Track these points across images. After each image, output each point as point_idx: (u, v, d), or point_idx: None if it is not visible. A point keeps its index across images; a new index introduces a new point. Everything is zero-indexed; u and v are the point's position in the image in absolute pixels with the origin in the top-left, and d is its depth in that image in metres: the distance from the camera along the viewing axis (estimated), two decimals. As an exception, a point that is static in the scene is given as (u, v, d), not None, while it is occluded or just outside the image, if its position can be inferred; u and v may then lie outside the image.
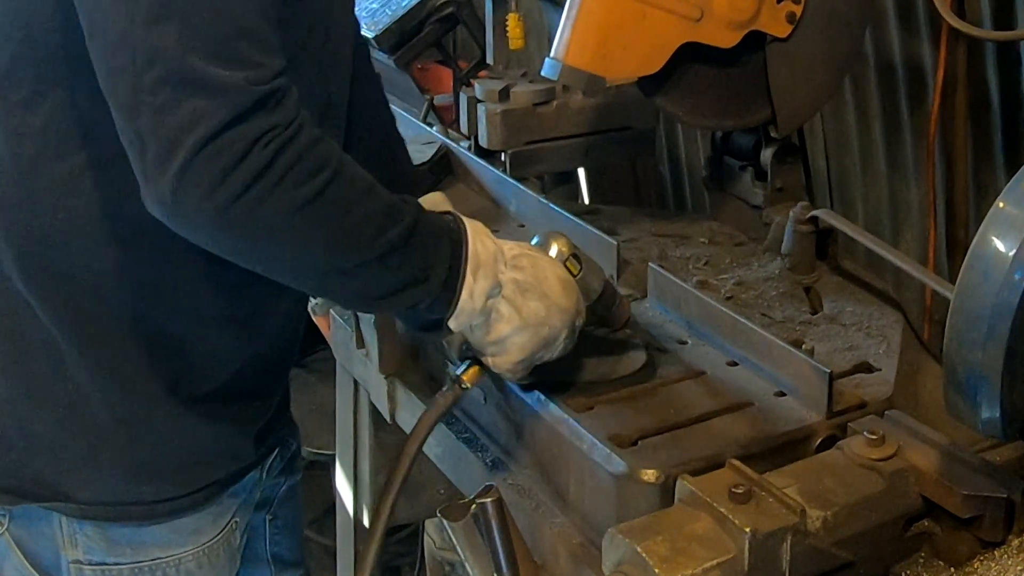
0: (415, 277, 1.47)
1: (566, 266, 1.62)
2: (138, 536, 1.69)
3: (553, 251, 1.63)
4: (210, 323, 1.63)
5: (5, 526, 1.70)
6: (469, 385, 1.61)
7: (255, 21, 1.34)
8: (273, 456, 1.90)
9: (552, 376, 1.65)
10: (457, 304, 1.50)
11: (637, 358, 1.71)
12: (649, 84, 2.03)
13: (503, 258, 1.55)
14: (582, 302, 1.62)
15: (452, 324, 1.52)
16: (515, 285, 1.54)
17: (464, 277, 1.49)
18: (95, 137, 1.49)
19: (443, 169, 2.46)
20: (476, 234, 1.53)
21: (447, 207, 1.82)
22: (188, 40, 1.30)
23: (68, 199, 1.53)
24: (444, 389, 1.62)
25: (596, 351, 1.71)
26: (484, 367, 1.60)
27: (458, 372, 1.61)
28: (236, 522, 1.80)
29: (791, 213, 1.98)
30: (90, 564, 1.69)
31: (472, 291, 1.50)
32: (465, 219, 1.55)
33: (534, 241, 1.65)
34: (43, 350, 1.59)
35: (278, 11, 1.40)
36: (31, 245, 1.56)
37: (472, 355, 1.60)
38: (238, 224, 1.34)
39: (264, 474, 1.88)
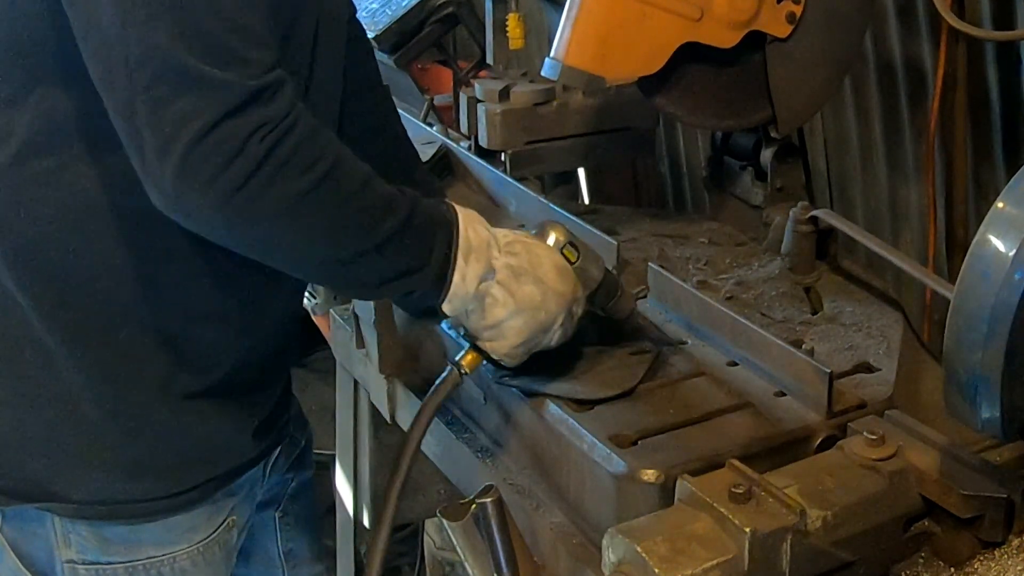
0: (411, 266, 1.49)
1: (563, 254, 1.63)
2: (132, 535, 1.69)
3: (550, 239, 1.64)
4: (201, 319, 1.63)
5: None
6: (468, 371, 1.62)
7: (246, 16, 1.36)
8: (276, 453, 1.89)
9: (546, 387, 1.65)
10: (450, 288, 1.52)
11: (633, 373, 1.69)
12: (649, 84, 2.03)
13: (496, 244, 1.57)
14: (580, 289, 1.63)
15: (446, 308, 1.54)
16: (509, 270, 1.56)
17: (456, 261, 1.52)
18: (81, 133, 1.49)
19: (443, 169, 2.46)
20: (469, 221, 1.56)
21: (477, 220, 1.82)
22: (180, 37, 1.31)
23: (54, 195, 1.53)
24: (443, 375, 1.63)
25: (596, 366, 1.71)
26: (483, 353, 1.61)
27: (457, 358, 1.62)
28: (233, 520, 1.79)
29: (791, 213, 1.98)
30: (84, 564, 1.69)
31: (464, 275, 1.52)
32: (458, 207, 1.57)
33: (532, 231, 1.66)
34: (34, 349, 1.59)
35: (269, 2, 1.41)
36: (19, 242, 1.56)
37: (471, 341, 1.61)
38: (239, 215, 1.37)
39: (267, 471, 1.88)
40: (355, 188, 1.43)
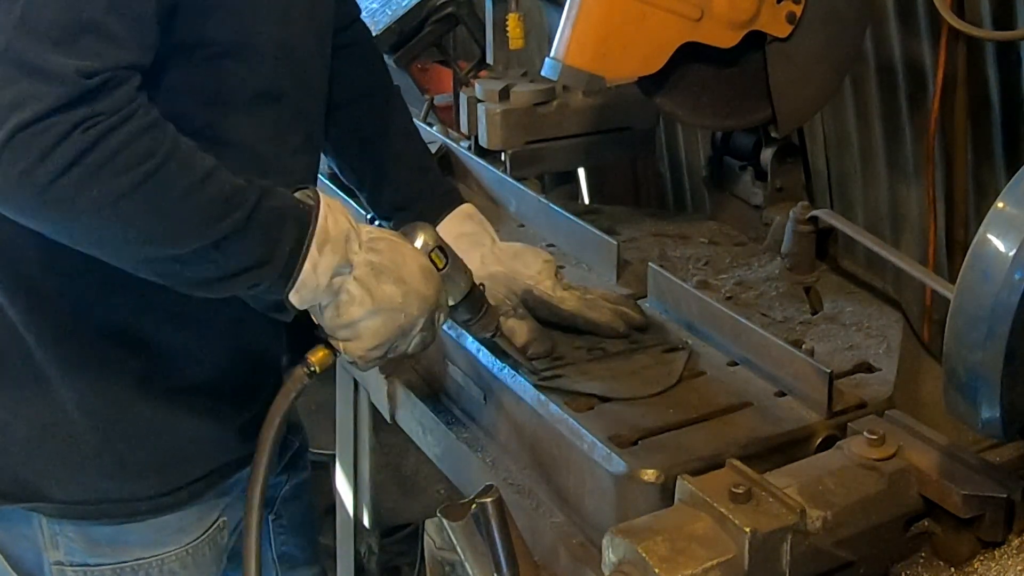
0: (256, 260, 1.44)
1: (431, 258, 1.57)
2: (120, 536, 1.68)
3: (419, 241, 1.57)
4: (178, 320, 1.62)
5: None
6: (318, 369, 1.55)
7: (103, 14, 1.33)
8: None
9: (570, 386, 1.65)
10: (298, 277, 1.46)
11: (665, 376, 1.68)
12: (649, 84, 2.03)
13: (358, 238, 1.51)
14: (445, 296, 1.58)
15: (294, 299, 1.48)
16: (369, 267, 1.50)
17: (308, 250, 1.46)
18: None
19: (443, 169, 2.46)
20: (331, 210, 1.49)
21: (478, 218, 1.81)
22: (29, 23, 1.30)
23: None
24: (290, 374, 1.58)
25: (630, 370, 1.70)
26: (335, 351, 1.55)
27: (307, 354, 1.56)
28: (224, 521, 1.78)
29: (791, 213, 1.98)
30: (72, 565, 1.68)
31: (316, 265, 1.46)
32: (324, 196, 1.51)
33: (401, 231, 1.60)
34: (14, 350, 1.59)
35: (152, 7, 1.38)
36: None
37: (323, 337, 1.55)
38: (55, 207, 1.34)
39: None
40: (190, 185, 1.38)
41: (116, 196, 1.34)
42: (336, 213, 1.50)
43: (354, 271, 1.50)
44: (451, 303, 1.62)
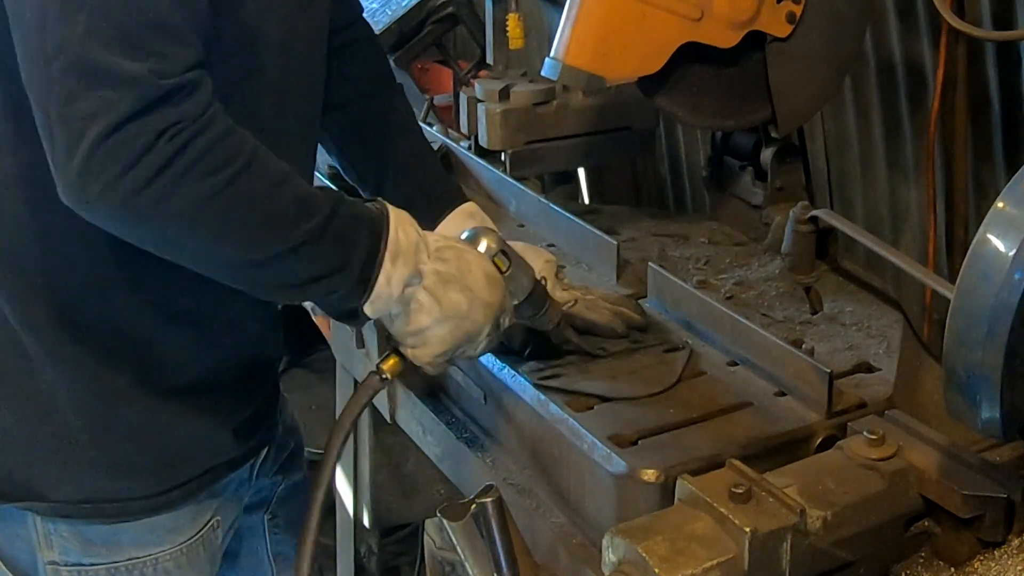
0: (332, 267, 1.46)
1: (494, 262, 1.60)
2: (114, 536, 1.68)
3: (482, 246, 1.61)
4: (173, 319, 1.62)
5: None
6: (389, 376, 1.59)
7: (167, 13, 1.34)
8: (263, 455, 1.88)
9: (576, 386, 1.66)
10: (373, 289, 1.49)
11: (666, 374, 1.69)
12: (649, 84, 2.03)
13: (426, 248, 1.54)
14: (509, 299, 1.61)
15: (368, 310, 1.51)
16: (437, 276, 1.53)
17: (382, 263, 1.49)
18: (37, 133, 1.48)
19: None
20: (399, 222, 1.52)
21: (481, 216, 1.81)
22: (96, 30, 1.30)
23: (19, 195, 1.52)
24: (364, 381, 1.61)
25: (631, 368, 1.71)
26: (405, 359, 1.58)
27: (378, 363, 1.59)
28: (218, 521, 1.78)
29: (791, 213, 1.98)
30: (66, 565, 1.68)
31: (390, 277, 1.49)
32: (391, 207, 1.54)
33: (464, 236, 1.63)
34: (8, 347, 1.59)
35: (202, 2, 1.39)
36: None
37: (394, 346, 1.59)
38: (143, 215, 1.35)
39: (255, 473, 1.87)
40: (268, 190, 1.40)
41: (200, 202, 1.35)
42: (405, 224, 1.53)
43: (423, 281, 1.52)
44: (515, 302, 1.64)
